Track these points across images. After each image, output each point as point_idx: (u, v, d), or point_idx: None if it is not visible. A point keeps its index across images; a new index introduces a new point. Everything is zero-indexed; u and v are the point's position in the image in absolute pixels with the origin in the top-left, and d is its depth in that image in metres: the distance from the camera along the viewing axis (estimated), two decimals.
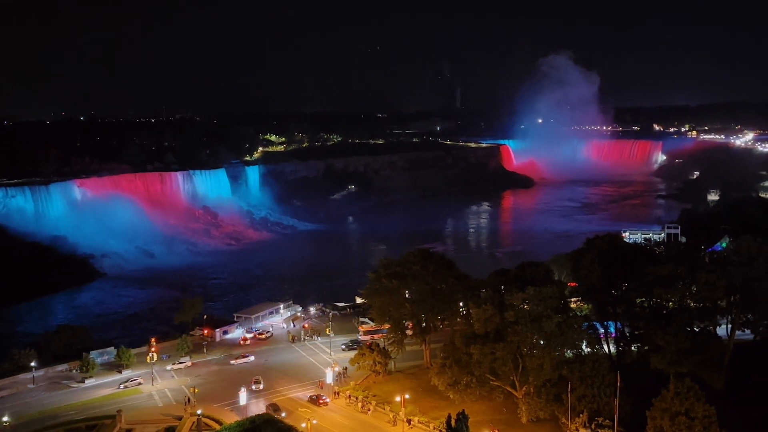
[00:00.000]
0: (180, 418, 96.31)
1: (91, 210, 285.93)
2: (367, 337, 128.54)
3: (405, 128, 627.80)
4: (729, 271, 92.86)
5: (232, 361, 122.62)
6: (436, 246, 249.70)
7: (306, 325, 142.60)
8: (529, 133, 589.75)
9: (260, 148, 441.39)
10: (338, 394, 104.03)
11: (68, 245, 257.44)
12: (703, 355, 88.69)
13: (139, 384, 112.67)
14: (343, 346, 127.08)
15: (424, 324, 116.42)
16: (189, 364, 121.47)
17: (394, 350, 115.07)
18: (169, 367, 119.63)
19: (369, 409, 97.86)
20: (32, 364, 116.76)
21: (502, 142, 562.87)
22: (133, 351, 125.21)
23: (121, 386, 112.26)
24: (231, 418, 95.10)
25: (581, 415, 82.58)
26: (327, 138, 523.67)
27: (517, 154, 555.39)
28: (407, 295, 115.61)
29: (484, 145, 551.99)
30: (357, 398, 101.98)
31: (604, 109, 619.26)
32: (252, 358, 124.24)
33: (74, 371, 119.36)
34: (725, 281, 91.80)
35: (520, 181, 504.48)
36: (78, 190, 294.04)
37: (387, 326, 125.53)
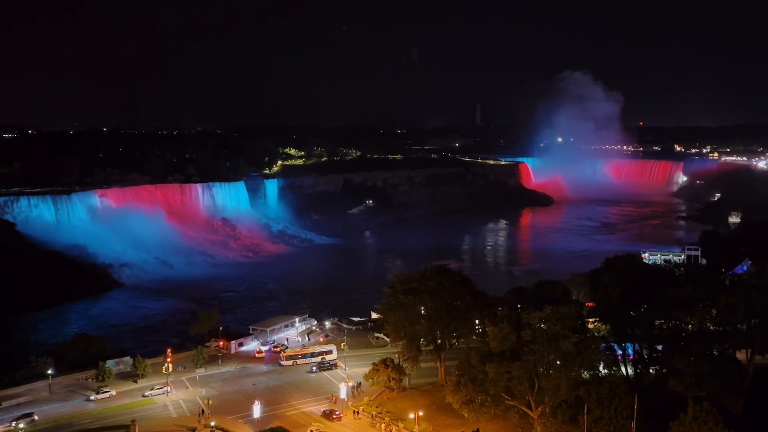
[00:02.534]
0: (194, 430, 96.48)
1: (111, 220, 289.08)
2: (290, 362, 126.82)
3: (424, 144, 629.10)
4: (750, 294, 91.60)
5: (147, 393, 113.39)
6: (453, 262, 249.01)
7: (321, 339, 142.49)
8: (548, 151, 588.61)
9: (279, 162, 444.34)
10: (358, 413, 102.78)
11: (88, 255, 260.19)
12: (722, 379, 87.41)
13: (167, 392, 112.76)
14: (314, 368, 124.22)
15: (439, 341, 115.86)
16: (113, 393, 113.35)
17: (408, 367, 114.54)
18: (93, 397, 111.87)
19: (391, 430, 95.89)
20: (49, 372, 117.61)
21: (521, 159, 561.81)
22: (149, 361, 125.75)
23: (148, 393, 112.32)
24: (244, 431, 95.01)
25: None
26: (346, 152, 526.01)
27: (536, 172, 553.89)
28: (423, 312, 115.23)
29: (503, 163, 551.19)
30: (383, 418, 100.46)
31: (625, 128, 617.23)
32: (170, 389, 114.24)
33: (90, 380, 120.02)
34: (745, 304, 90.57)
35: (539, 199, 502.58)
36: (99, 200, 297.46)
37: (309, 351, 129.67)
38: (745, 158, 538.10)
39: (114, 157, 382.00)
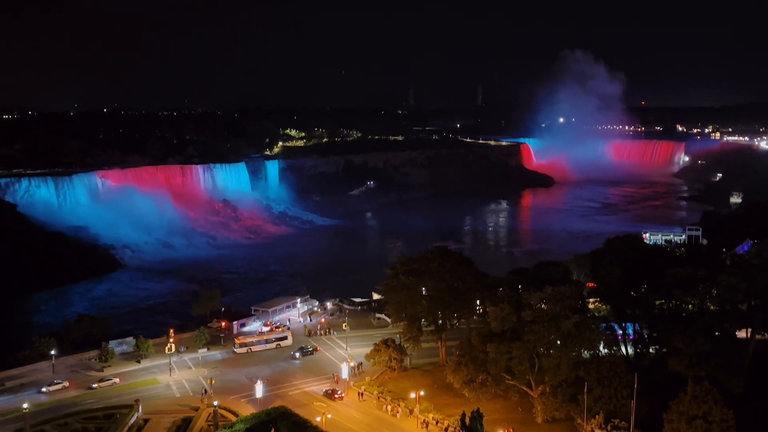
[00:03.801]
0: (197, 409, 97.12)
1: (112, 201, 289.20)
2: (244, 350, 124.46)
3: (425, 125, 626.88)
4: (750, 274, 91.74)
5: (94, 385, 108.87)
6: (454, 244, 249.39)
7: (323, 320, 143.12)
8: (550, 131, 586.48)
9: (280, 143, 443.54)
10: (362, 395, 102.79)
11: (90, 236, 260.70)
12: (722, 359, 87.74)
13: (115, 383, 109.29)
14: (297, 354, 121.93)
15: (440, 321, 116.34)
16: (66, 384, 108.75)
17: (409, 347, 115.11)
18: (44, 388, 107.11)
19: (398, 412, 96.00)
20: (52, 352, 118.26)
21: (522, 140, 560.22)
22: (152, 341, 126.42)
23: (95, 385, 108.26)
24: (247, 410, 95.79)
25: (597, 416, 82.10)
26: (347, 134, 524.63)
27: (537, 153, 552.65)
28: (424, 292, 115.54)
29: (504, 143, 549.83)
30: (386, 398, 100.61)
31: (627, 108, 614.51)
32: (117, 380, 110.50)
33: (93, 360, 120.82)
34: (746, 284, 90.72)
35: (540, 180, 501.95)
36: (100, 181, 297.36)
37: (264, 337, 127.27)
38: (747, 138, 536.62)
39: (114, 139, 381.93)
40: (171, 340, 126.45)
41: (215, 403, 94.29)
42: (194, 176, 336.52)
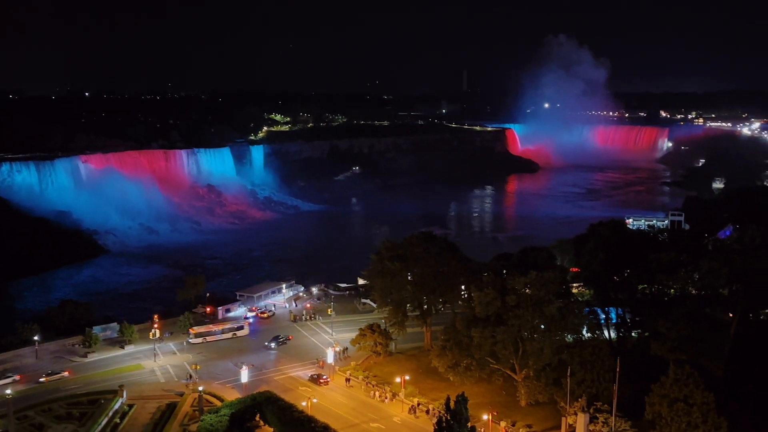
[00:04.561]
0: (181, 395, 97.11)
1: (95, 186, 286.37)
2: (199, 340, 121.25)
3: (410, 111, 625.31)
4: (732, 259, 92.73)
5: (41, 379, 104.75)
6: (439, 229, 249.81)
7: (308, 305, 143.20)
8: (535, 117, 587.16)
9: (265, 128, 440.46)
10: (349, 380, 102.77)
11: (72, 221, 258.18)
12: (703, 343, 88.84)
13: (63, 377, 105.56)
14: (272, 344, 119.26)
15: (425, 306, 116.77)
16: (17, 378, 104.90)
17: (395, 332, 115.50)
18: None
19: (386, 398, 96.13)
20: (35, 338, 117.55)
21: (507, 126, 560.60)
22: (136, 327, 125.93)
23: (42, 379, 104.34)
24: (232, 396, 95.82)
25: (580, 399, 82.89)
26: (332, 119, 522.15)
27: (522, 139, 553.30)
28: (409, 278, 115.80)
29: (489, 129, 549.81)
30: (372, 383, 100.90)
31: (612, 94, 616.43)
32: (66, 374, 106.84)
33: (77, 346, 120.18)
34: (728, 269, 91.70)
35: (525, 166, 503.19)
36: (83, 166, 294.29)
37: (220, 327, 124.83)
38: (729, 124, 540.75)
39: (97, 123, 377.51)
40: (155, 325, 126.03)
41: (200, 388, 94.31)
42: (178, 161, 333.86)
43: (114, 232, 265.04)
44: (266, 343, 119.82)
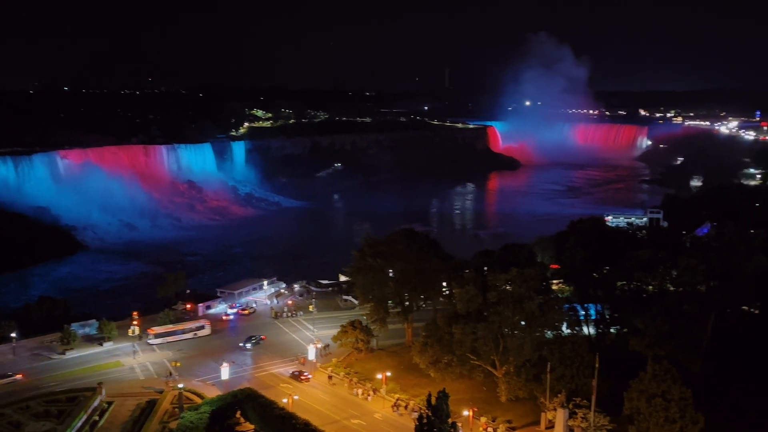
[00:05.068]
0: (161, 392, 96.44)
1: (74, 182, 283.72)
2: (159, 341, 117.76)
3: (392, 108, 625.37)
4: (709, 257, 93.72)
5: None
6: (421, 226, 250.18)
7: (290, 302, 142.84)
8: (516, 114, 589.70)
9: (246, 124, 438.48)
10: (331, 378, 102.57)
11: (50, 217, 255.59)
12: (681, 339, 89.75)
13: (15, 380, 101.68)
14: (247, 345, 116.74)
15: (407, 303, 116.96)
16: (18, 376, 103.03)
17: (376, 328, 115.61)
18: None
19: (369, 395, 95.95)
20: (12, 335, 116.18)
21: (489, 123, 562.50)
22: (115, 324, 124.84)
23: None
24: (213, 393, 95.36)
25: (559, 395, 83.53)
26: (314, 115, 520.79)
27: (504, 136, 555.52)
28: (391, 274, 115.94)
29: (471, 126, 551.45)
30: (354, 380, 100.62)
31: (592, 92, 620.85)
32: (19, 377, 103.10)
33: (54, 343, 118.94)
34: (705, 266, 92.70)
35: (506, 163, 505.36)
36: (61, 161, 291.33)
37: (180, 327, 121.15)
38: (708, 123, 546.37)
39: (76, 118, 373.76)
40: (135, 322, 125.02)
41: (180, 385, 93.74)
42: (158, 156, 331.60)
43: (93, 228, 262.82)
44: (240, 344, 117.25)
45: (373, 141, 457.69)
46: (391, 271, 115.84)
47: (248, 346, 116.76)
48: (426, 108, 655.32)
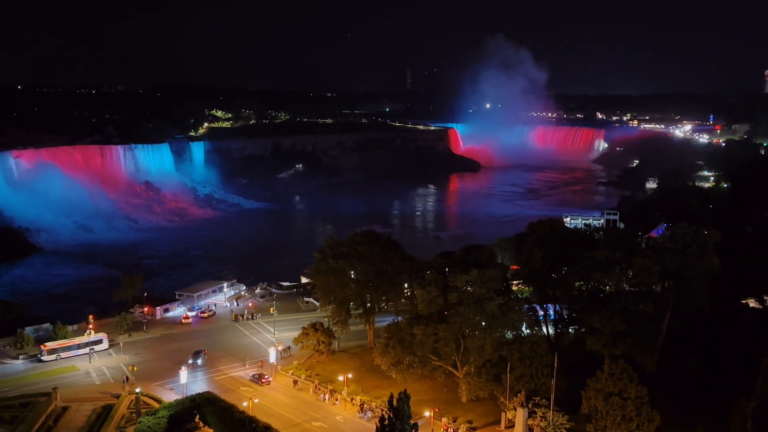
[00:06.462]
0: (118, 397, 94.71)
1: (27, 182, 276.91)
2: (53, 357, 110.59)
3: (354, 109, 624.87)
4: (664, 257, 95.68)
5: None
6: (382, 227, 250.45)
7: (250, 304, 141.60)
8: (477, 116, 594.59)
9: (206, 124, 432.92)
10: (297, 383, 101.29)
11: (2, 218, 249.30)
12: (636, 338, 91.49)
13: None
14: (200, 360, 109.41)
15: (368, 304, 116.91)
16: None
17: (338, 330, 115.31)
18: None
19: (337, 399, 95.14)
20: None
21: (450, 125, 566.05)
22: (70, 328, 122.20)
23: None
24: (171, 397, 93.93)
25: (519, 394, 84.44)
26: (274, 116, 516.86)
27: (464, 138, 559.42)
28: (352, 276, 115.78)
29: (432, 128, 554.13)
30: (315, 383, 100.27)
31: (550, 96, 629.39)
32: None
33: (8, 347, 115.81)
34: (660, 267, 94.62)
35: (467, 165, 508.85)
36: (14, 161, 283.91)
37: (76, 342, 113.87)
38: (663, 126, 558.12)
39: (29, 117, 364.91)
40: (90, 326, 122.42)
41: (137, 390, 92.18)
42: (114, 157, 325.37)
43: (47, 230, 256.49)
44: (190, 362, 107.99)
45: (335, 142, 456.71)
46: (352, 272, 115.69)
47: (199, 362, 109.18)
48: (387, 109, 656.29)
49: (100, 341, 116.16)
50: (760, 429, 74.24)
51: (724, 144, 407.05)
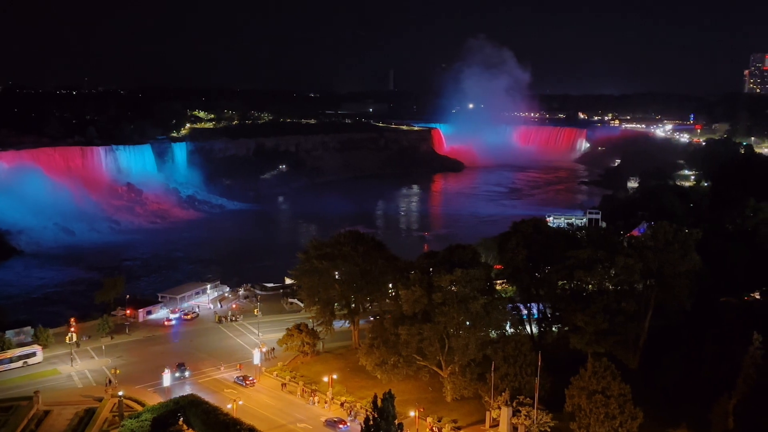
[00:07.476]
0: (101, 400, 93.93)
1: (7, 184, 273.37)
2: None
3: (337, 109, 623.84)
4: (646, 256, 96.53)
5: None
6: (366, 227, 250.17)
7: (234, 306, 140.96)
8: (460, 117, 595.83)
9: (188, 125, 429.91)
10: (285, 386, 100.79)
11: None
12: (619, 336, 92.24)
13: None
14: (187, 373, 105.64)
15: (353, 305, 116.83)
16: None
17: (322, 331, 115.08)
18: None
19: (327, 402, 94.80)
20: None
21: (433, 125, 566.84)
22: (52, 331, 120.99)
23: None
24: (154, 400, 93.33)
25: (503, 393, 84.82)
26: (257, 116, 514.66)
27: (448, 138, 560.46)
28: (337, 276, 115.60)
29: (416, 128, 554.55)
30: (300, 384, 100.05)
31: (533, 96, 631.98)
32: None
33: None
34: (642, 265, 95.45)
35: (450, 165, 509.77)
36: None
37: (8, 356, 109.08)
38: (644, 125, 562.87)
39: (9, 118, 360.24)
40: (72, 329, 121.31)
41: (120, 393, 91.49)
42: (95, 158, 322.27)
43: (28, 232, 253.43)
44: (177, 374, 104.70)
45: (319, 142, 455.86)
46: (336, 273, 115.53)
47: (186, 374, 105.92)
48: (371, 110, 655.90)
49: (33, 354, 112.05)
50: (742, 425, 75.20)
51: (704, 143, 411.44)
